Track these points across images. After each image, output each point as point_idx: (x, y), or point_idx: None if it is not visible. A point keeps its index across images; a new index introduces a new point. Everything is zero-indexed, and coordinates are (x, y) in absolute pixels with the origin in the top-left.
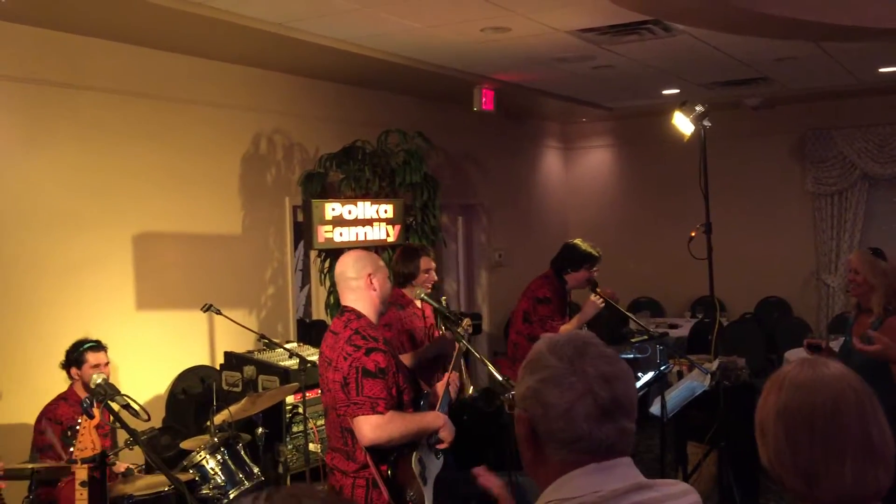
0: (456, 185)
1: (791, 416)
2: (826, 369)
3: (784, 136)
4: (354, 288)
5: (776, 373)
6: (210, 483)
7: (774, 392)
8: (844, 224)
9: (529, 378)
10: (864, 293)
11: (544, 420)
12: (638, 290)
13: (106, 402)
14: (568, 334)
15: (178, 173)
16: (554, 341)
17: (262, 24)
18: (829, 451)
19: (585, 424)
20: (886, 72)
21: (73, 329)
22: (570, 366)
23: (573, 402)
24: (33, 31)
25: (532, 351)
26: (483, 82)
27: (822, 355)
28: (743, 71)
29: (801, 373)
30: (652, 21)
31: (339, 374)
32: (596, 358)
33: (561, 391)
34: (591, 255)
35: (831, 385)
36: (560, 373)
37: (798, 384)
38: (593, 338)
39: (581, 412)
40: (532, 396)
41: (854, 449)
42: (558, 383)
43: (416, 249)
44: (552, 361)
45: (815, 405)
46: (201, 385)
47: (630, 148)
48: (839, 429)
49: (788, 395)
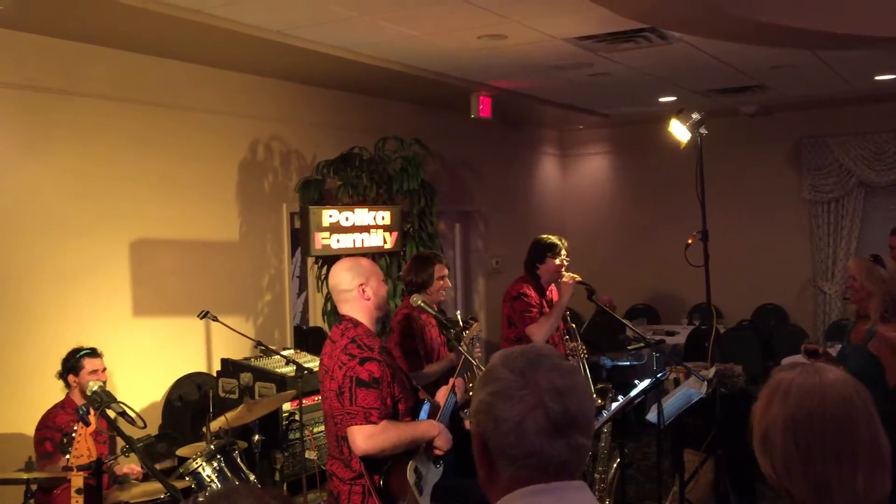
0: (453, 191)
1: (802, 425)
2: (830, 375)
3: (780, 144)
4: (349, 299)
5: (774, 380)
6: (206, 490)
7: (779, 401)
8: (841, 231)
9: (482, 391)
10: (861, 300)
11: (495, 435)
12: (635, 297)
13: (102, 410)
14: (522, 347)
15: (176, 180)
16: (507, 353)
17: (260, 31)
18: (842, 460)
19: (536, 439)
20: (882, 80)
21: (69, 335)
22: (522, 378)
23: (524, 415)
24: (31, 38)
25: (492, 360)
26: (480, 89)
27: (820, 361)
28: (739, 79)
29: (806, 380)
30: (648, 29)
31: (335, 382)
32: (549, 370)
33: (511, 404)
34: (551, 244)
35: (839, 391)
36: (511, 385)
37: (806, 392)
38: (549, 350)
39: (532, 426)
40: (484, 410)
41: (864, 456)
42: (509, 396)
43: (430, 257)
44: (504, 374)
45: (825, 413)
46: (198, 392)
47: (627, 155)
48: (851, 436)
49: (796, 404)
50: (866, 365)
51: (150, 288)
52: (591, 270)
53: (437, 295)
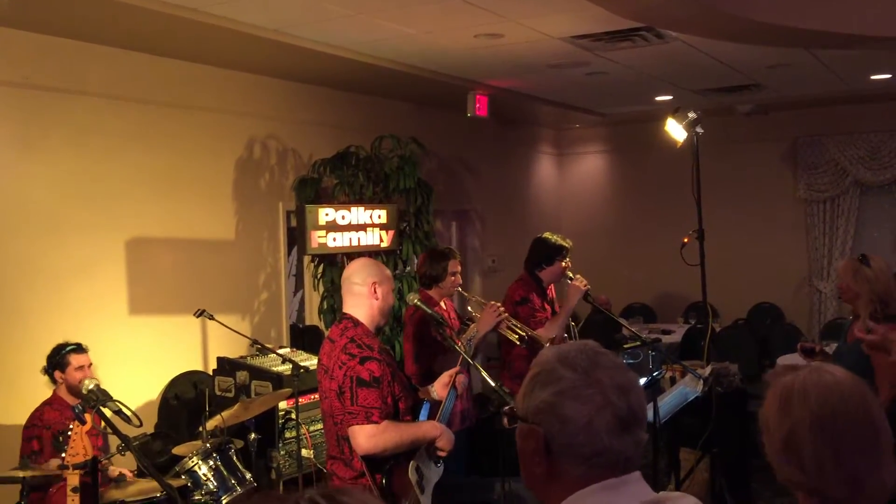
0: (449, 190)
1: (828, 423)
2: (838, 373)
3: (776, 143)
4: (356, 293)
5: (781, 384)
6: (202, 489)
7: (799, 403)
8: (836, 230)
9: (542, 391)
10: (850, 300)
11: (562, 434)
12: (631, 296)
13: (98, 408)
14: (576, 344)
15: (172, 178)
16: (564, 352)
17: (256, 29)
18: (869, 453)
19: (607, 438)
20: (878, 79)
21: (65, 334)
22: (586, 377)
23: (593, 414)
24: (28, 36)
25: (539, 362)
26: (477, 88)
27: (817, 359)
28: (735, 78)
29: (820, 380)
30: (645, 28)
31: (335, 382)
32: (610, 368)
33: (580, 404)
34: (562, 247)
35: (856, 387)
36: (576, 384)
37: (825, 391)
38: (600, 346)
39: (602, 425)
40: (547, 410)
41: (886, 447)
42: (576, 396)
43: (444, 252)
44: (566, 373)
45: (848, 410)
46: (194, 390)
47: (623, 154)
48: (874, 429)
49: (819, 404)
50: (858, 364)
51: (146, 286)
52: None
53: (449, 290)
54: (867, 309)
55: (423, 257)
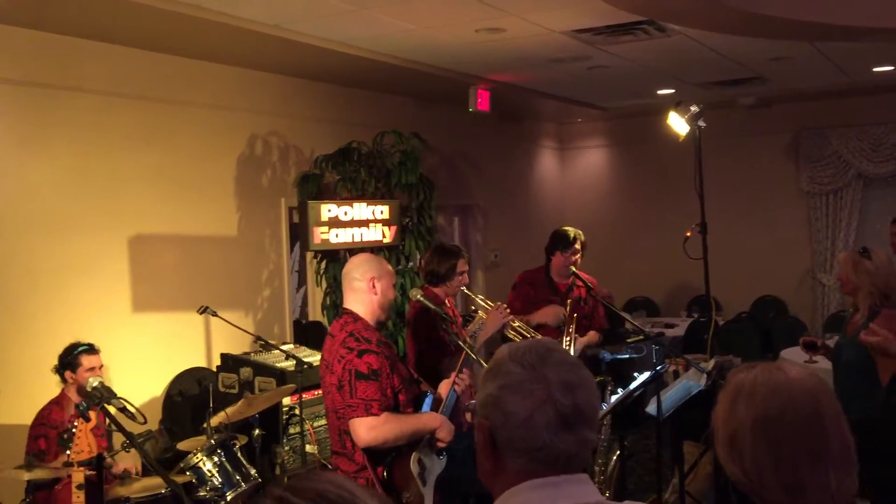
0: (452, 185)
1: (772, 424)
2: (793, 372)
3: (779, 136)
4: (356, 288)
5: (733, 382)
6: (207, 485)
7: (744, 402)
8: (839, 223)
9: (490, 385)
10: (851, 292)
11: (504, 428)
12: (634, 290)
13: (102, 406)
14: (530, 341)
15: (174, 175)
16: (515, 348)
17: (257, 25)
18: (814, 459)
19: (546, 433)
20: (881, 71)
21: (68, 332)
22: (532, 372)
23: (533, 409)
24: (28, 33)
25: (494, 357)
26: (478, 83)
27: (819, 353)
28: (738, 71)
29: (770, 378)
30: (647, 21)
31: (335, 376)
32: (558, 364)
33: (521, 398)
34: (560, 237)
35: (806, 387)
36: (521, 379)
37: (772, 390)
38: (556, 345)
39: (542, 421)
40: (492, 404)
41: (835, 454)
42: (518, 390)
43: (453, 250)
44: (513, 368)
45: (795, 411)
46: (198, 387)
47: (626, 148)
48: (821, 433)
49: (764, 403)
50: (859, 357)
51: (150, 284)
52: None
53: (455, 289)
54: (867, 301)
55: (430, 254)
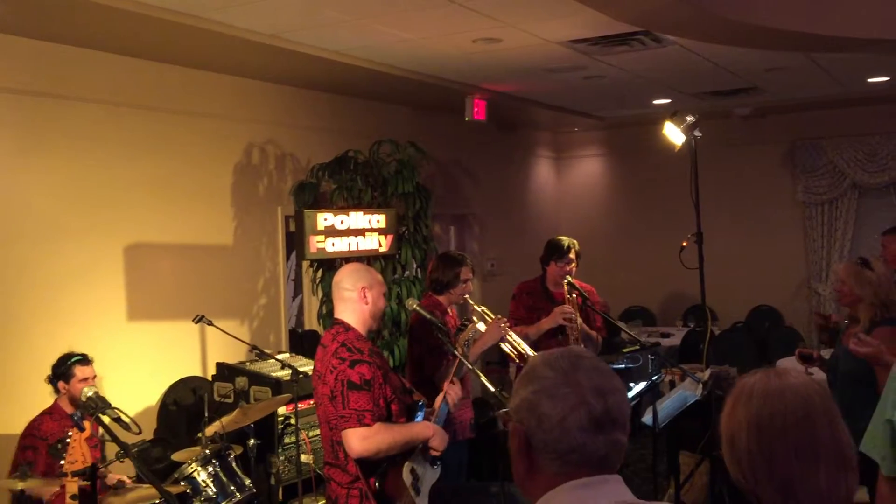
0: (448, 194)
1: (764, 425)
2: (790, 378)
3: (774, 146)
4: (346, 299)
5: (738, 385)
6: (201, 495)
7: (742, 404)
8: (835, 233)
9: (524, 390)
10: (851, 304)
11: (538, 431)
12: (630, 300)
13: (97, 416)
14: (562, 349)
15: (170, 184)
16: (549, 355)
17: (254, 35)
18: (803, 459)
19: (579, 435)
20: (875, 82)
21: (63, 340)
22: (565, 377)
23: (567, 412)
24: (25, 42)
25: (527, 364)
26: (475, 92)
27: (814, 365)
28: (733, 81)
29: (768, 382)
30: (642, 32)
31: (327, 387)
32: (590, 370)
33: (555, 402)
34: (554, 247)
35: (799, 392)
36: (554, 383)
37: (767, 393)
38: (587, 352)
39: (575, 423)
40: (526, 408)
41: (826, 455)
42: (552, 394)
43: (457, 258)
44: (547, 373)
45: (786, 413)
46: (193, 396)
47: (621, 157)
48: (811, 435)
49: (759, 405)
50: (857, 368)
51: (145, 292)
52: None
53: (458, 297)
54: (868, 313)
55: (434, 261)
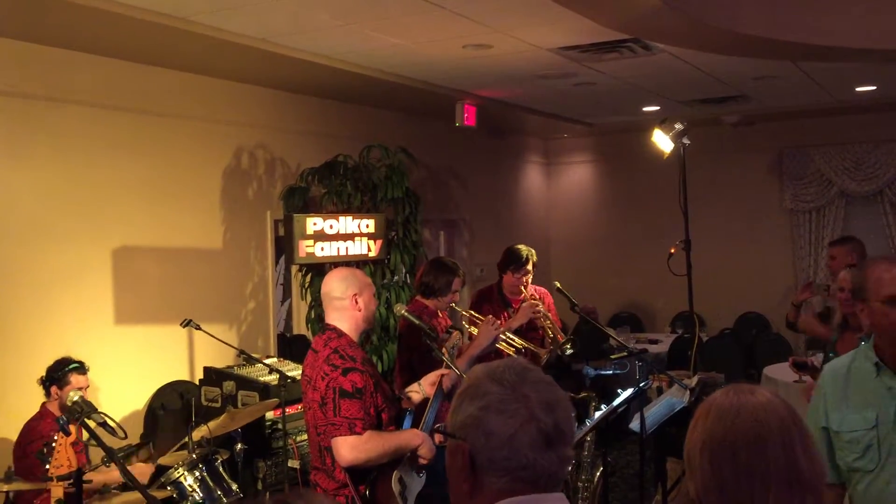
0: (438, 199)
1: (715, 446)
2: (751, 397)
3: (762, 154)
4: (339, 307)
5: (706, 401)
6: (188, 500)
7: (700, 422)
8: (822, 241)
9: (469, 406)
10: (853, 310)
11: (486, 449)
12: (618, 306)
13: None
14: (505, 361)
15: (159, 187)
16: (493, 368)
17: (245, 39)
18: (752, 481)
19: (530, 452)
20: (863, 91)
21: (50, 344)
22: (512, 391)
23: (516, 429)
24: (14, 44)
25: (469, 378)
26: (465, 98)
27: (808, 373)
28: (722, 89)
29: (724, 401)
30: (632, 40)
31: (318, 393)
32: (537, 383)
33: (504, 418)
34: (512, 257)
35: (753, 413)
36: (501, 399)
37: (720, 413)
38: (530, 363)
39: (525, 440)
40: (472, 424)
41: (778, 477)
42: (501, 410)
43: (451, 268)
44: (493, 388)
45: (737, 434)
46: (180, 400)
47: (611, 164)
48: (762, 457)
49: (712, 425)
50: None
51: (133, 296)
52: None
53: (445, 304)
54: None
55: (426, 266)
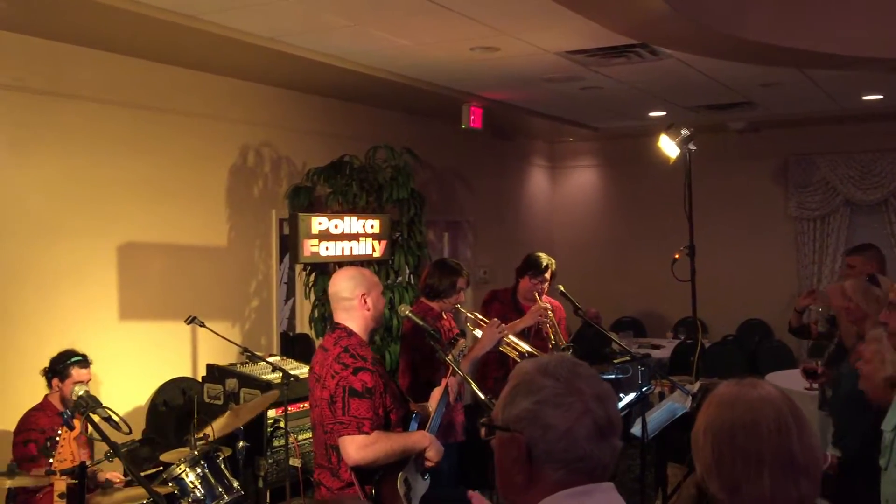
0: (442, 201)
1: (716, 431)
2: (752, 390)
3: (768, 161)
4: (347, 308)
5: (713, 392)
6: (189, 496)
7: (703, 411)
8: (826, 249)
9: (523, 401)
10: (858, 320)
11: (543, 441)
12: (621, 311)
13: (87, 415)
14: (553, 356)
15: (165, 184)
16: (543, 363)
17: (253, 38)
18: (747, 463)
19: (586, 444)
20: (870, 99)
21: (55, 339)
22: (567, 386)
23: (573, 422)
24: (19, 39)
25: (517, 373)
26: (471, 100)
27: (819, 381)
28: (728, 95)
29: (726, 392)
30: (639, 44)
31: (327, 391)
32: (588, 378)
33: (561, 412)
34: (532, 263)
35: (751, 403)
36: (556, 392)
37: (721, 402)
38: (578, 359)
39: (582, 432)
40: (529, 418)
41: (772, 461)
42: (558, 404)
43: (455, 269)
44: (547, 382)
45: (734, 420)
46: (183, 397)
47: (616, 168)
48: (756, 440)
49: (714, 412)
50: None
51: (137, 292)
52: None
53: (450, 306)
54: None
55: (431, 268)
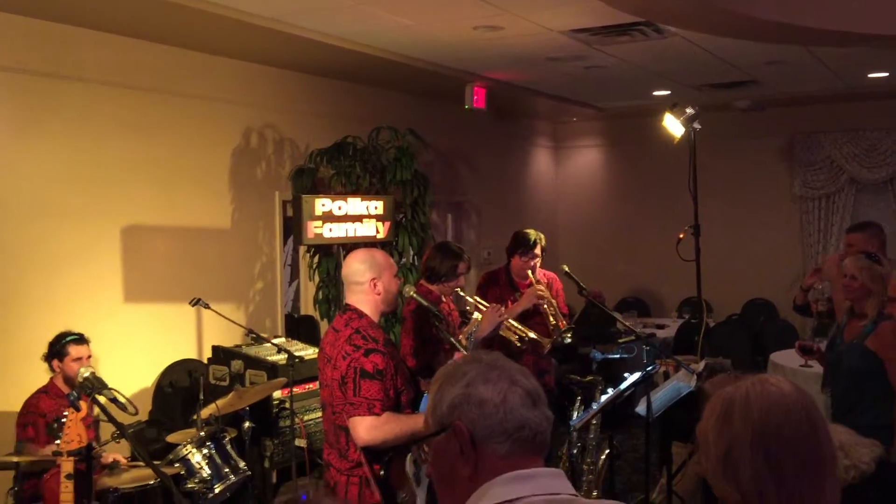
0: (446, 182)
1: (771, 438)
2: (784, 385)
3: (773, 139)
4: (358, 291)
5: (723, 396)
6: (196, 477)
7: (739, 416)
8: (831, 228)
9: (452, 389)
10: (859, 298)
11: (482, 417)
12: (625, 290)
13: (93, 396)
14: (465, 356)
15: (168, 166)
16: (460, 359)
17: (255, 18)
18: (812, 472)
19: (524, 411)
20: (875, 77)
21: (59, 321)
22: (490, 365)
23: (506, 391)
24: (23, 21)
25: (437, 377)
26: (475, 80)
27: (814, 358)
28: (733, 73)
29: (764, 391)
30: (644, 23)
31: (338, 372)
32: (506, 361)
33: (491, 385)
34: (521, 240)
35: (800, 401)
36: (481, 371)
37: (770, 404)
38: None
39: (516, 400)
40: (462, 402)
41: (830, 465)
42: (486, 380)
43: (457, 252)
44: (469, 367)
45: (792, 424)
46: (188, 379)
47: (620, 148)
48: (817, 446)
49: (762, 418)
50: (864, 362)
51: (142, 274)
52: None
53: (449, 290)
54: (875, 309)
55: (432, 251)
